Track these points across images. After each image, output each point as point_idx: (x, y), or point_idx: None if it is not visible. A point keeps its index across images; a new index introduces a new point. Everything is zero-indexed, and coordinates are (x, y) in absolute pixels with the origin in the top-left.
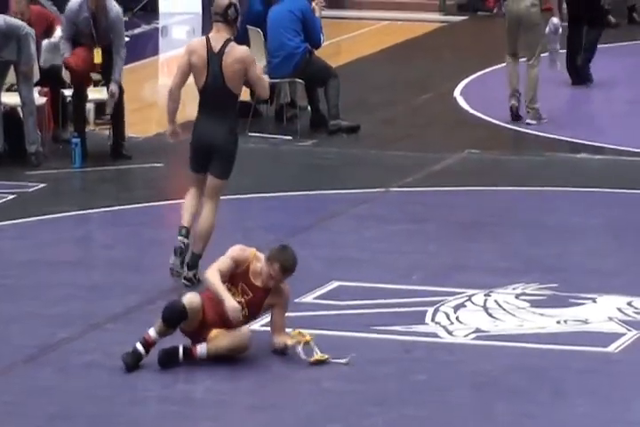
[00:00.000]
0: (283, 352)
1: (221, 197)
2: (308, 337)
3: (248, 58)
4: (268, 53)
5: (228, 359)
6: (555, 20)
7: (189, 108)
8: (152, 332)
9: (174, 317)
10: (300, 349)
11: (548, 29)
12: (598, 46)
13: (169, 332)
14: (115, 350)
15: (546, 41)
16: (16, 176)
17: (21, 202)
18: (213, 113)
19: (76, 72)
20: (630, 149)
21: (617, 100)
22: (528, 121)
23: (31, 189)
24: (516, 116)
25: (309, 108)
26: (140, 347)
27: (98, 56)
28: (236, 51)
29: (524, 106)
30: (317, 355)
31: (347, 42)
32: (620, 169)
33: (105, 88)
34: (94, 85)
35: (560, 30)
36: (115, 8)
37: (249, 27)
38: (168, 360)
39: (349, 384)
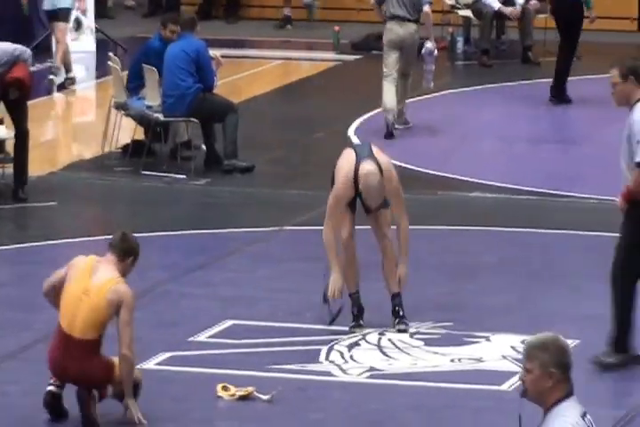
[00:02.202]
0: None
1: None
2: (248, 390)
3: None
4: (162, 93)
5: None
6: (429, 44)
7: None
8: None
9: None
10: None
11: (422, 52)
12: (493, 85)
13: None
14: (9, 389)
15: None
16: None
17: None
18: None
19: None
20: (524, 188)
21: (512, 139)
22: (397, 126)
23: None
24: (389, 134)
25: (204, 146)
26: None
27: None
28: None
29: (396, 112)
30: (242, 391)
31: (241, 81)
32: (513, 208)
33: (3, 126)
34: None
35: (435, 52)
36: None
37: (144, 66)
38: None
39: (243, 424)
